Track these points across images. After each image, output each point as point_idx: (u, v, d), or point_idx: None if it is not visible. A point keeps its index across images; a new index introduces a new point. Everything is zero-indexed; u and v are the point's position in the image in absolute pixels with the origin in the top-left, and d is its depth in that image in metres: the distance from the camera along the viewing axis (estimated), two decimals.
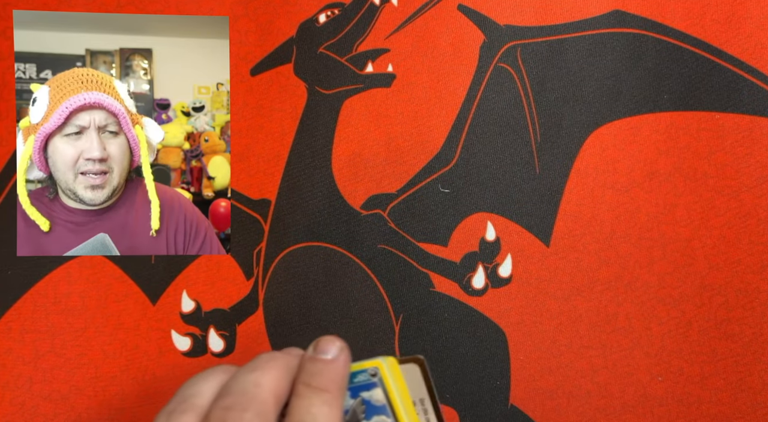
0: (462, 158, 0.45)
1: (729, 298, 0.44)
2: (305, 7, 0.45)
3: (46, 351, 0.44)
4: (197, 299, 0.45)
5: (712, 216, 0.44)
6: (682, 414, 0.44)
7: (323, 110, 0.45)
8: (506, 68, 0.45)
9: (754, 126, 0.44)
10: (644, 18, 0.44)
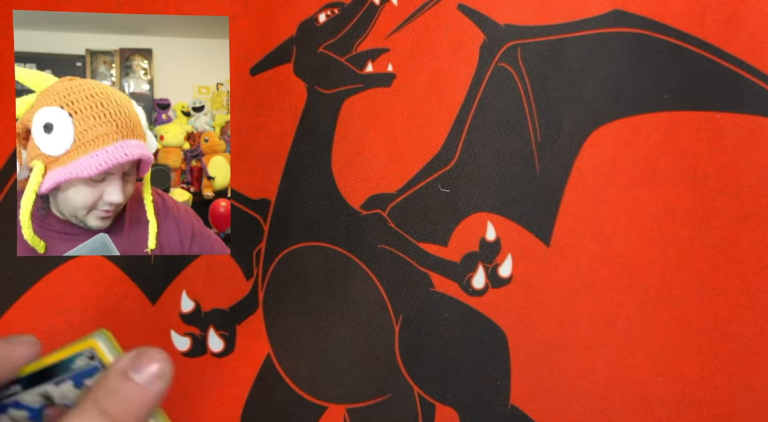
0: (462, 158, 0.45)
1: (729, 298, 0.44)
2: (305, 6, 0.45)
3: (46, 350, 0.44)
4: (197, 299, 0.45)
5: (712, 216, 0.44)
6: (682, 415, 0.44)
7: (323, 109, 0.45)
8: (506, 68, 0.45)
9: (755, 126, 0.44)
10: (645, 18, 0.44)
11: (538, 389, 0.45)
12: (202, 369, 0.45)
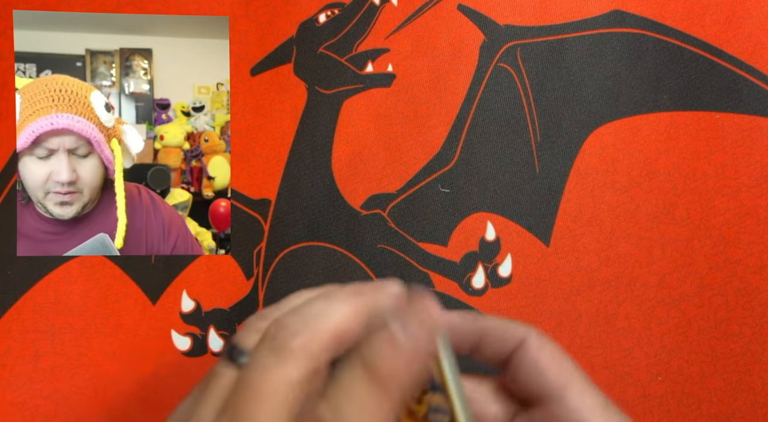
0: (462, 158, 0.45)
1: (728, 298, 0.44)
2: (305, 7, 0.45)
3: (46, 350, 0.44)
4: (197, 299, 0.45)
5: (711, 216, 0.44)
6: (682, 414, 0.44)
7: (323, 109, 0.45)
8: (506, 68, 0.45)
9: (754, 126, 0.44)
10: (644, 18, 0.44)
11: None
12: (202, 368, 0.45)
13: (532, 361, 0.29)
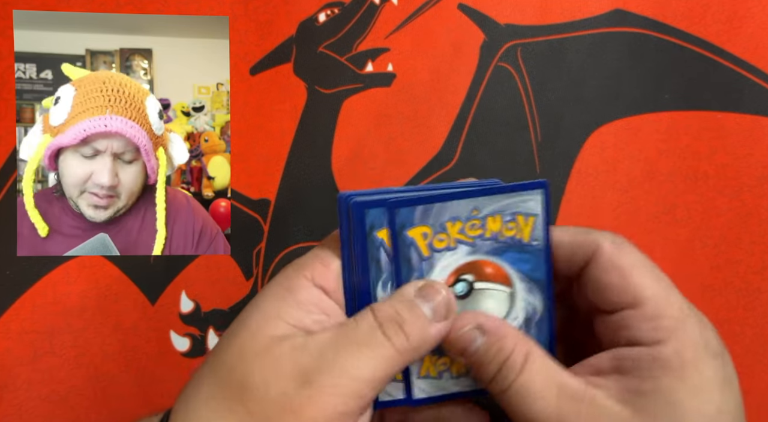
0: (462, 157, 0.45)
1: (730, 298, 0.44)
2: (305, 6, 0.45)
3: (45, 351, 0.44)
4: (196, 299, 0.45)
5: (712, 216, 0.44)
6: None
7: (323, 109, 0.45)
8: (506, 68, 0.45)
9: (756, 126, 0.44)
10: (645, 17, 0.44)
11: None
12: None
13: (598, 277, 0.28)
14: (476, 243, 0.29)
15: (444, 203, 0.28)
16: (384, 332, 0.27)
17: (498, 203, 0.29)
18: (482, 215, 0.29)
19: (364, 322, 0.27)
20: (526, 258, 0.29)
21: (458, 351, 0.28)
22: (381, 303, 0.28)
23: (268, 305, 0.28)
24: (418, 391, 0.30)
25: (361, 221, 0.28)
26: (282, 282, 0.28)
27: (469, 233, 0.29)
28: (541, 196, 0.29)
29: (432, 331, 0.28)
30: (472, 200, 0.28)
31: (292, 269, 0.29)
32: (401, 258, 0.29)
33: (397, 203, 0.28)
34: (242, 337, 0.27)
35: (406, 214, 0.28)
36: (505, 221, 0.29)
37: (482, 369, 0.28)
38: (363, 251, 0.28)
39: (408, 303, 0.28)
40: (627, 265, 0.28)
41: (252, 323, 0.27)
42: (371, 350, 0.26)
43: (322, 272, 0.28)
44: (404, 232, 0.28)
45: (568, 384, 0.26)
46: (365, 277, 0.29)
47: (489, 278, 0.29)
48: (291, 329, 0.27)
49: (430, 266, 0.29)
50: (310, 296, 0.28)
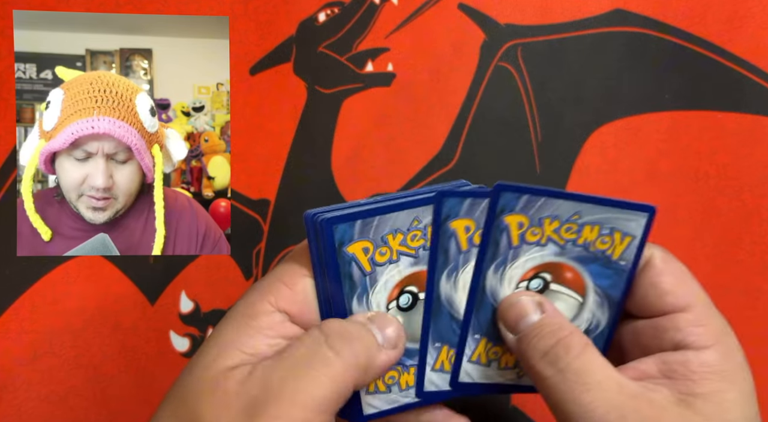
0: (462, 157, 0.45)
1: (731, 299, 0.44)
2: (305, 6, 0.45)
3: (45, 351, 0.44)
4: (196, 299, 0.45)
5: (713, 216, 0.44)
6: None
7: (323, 109, 0.45)
8: (507, 67, 0.45)
9: (756, 125, 0.44)
10: (645, 17, 0.44)
11: None
12: None
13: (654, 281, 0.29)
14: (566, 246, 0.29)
15: (552, 200, 0.28)
16: (330, 345, 0.26)
17: (600, 215, 0.29)
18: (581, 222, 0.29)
19: (308, 338, 0.27)
20: (608, 274, 0.29)
21: (513, 319, 0.28)
22: (330, 320, 0.27)
23: (226, 334, 0.27)
24: (464, 375, 0.31)
25: (330, 238, 0.27)
26: (243, 310, 0.28)
27: (563, 235, 0.29)
28: (645, 220, 0.29)
29: (382, 356, 0.27)
30: (577, 204, 0.29)
31: (255, 294, 0.28)
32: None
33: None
34: (198, 370, 0.26)
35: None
36: (602, 234, 0.29)
37: (535, 343, 0.27)
38: (334, 267, 0.28)
39: (359, 324, 0.27)
40: (679, 272, 0.29)
41: (208, 355, 0.27)
42: (316, 369, 0.25)
43: (287, 296, 0.28)
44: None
45: (627, 383, 0.26)
46: (338, 293, 0.28)
47: (566, 282, 0.30)
48: (246, 358, 0.26)
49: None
50: (271, 321, 0.27)
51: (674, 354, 0.27)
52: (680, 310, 0.28)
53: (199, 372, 0.26)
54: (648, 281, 0.29)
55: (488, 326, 0.30)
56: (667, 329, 0.28)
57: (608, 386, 0.26)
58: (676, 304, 0.28)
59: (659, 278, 0.29)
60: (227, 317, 0.28)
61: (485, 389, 0.31)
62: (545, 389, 0.27)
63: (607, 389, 0.26)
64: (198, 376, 0.26)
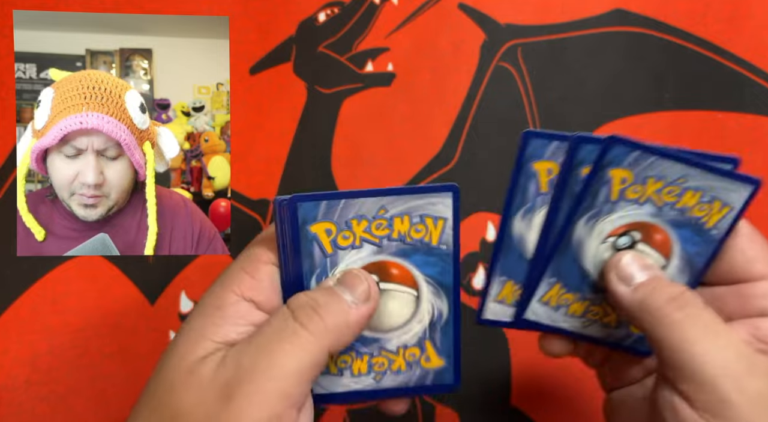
0: (462, 157, 0.45)
1: None
2: (305, 6, 0.45)
3: (44, 351, 0.44)
4: (196, 299, 0.45)
5: None
6: None
7: (323, 109, 0.45)
8: (507, 67, 0.45)
9: (757, 125, 0.44)
10: (646, 17, 0.44)
11: (538, 389, 0.44)
12: None
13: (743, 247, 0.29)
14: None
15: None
16: (296, 318, 0.26)
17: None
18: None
19: (276, 317, 0.27)
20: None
21: (629, 272, 0.29)
22: (297, 295, 0.28)
23: (195, 325, 0.27)
24: (531, 313, 0.31)
25: (294, 215, 0.27)
26: (210, 302, 0.28)
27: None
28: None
29: (354, 313, 0.27)
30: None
31: (219, 287, 0.28)
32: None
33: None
34: (171, 364, 0.26)
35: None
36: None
37: (660, 290, 0.28)
38: (296, 245, 0.28)
39: (326, 290, 0.28)
40: (765, 242, 0.30)
41: (180, 347, 0.27)
42: (286, 342, 0.25)
43: (251, 285, 0.28)
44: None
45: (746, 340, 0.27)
46: (298, 271, 0.28)
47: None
48: (217, 346, 0.26)
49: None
50: (238, 310, 0.27)
51: (766, 320, 0.28)
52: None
53: (172, 364, 0.26)
54: (737, 248, 0.29)
55: (567, 273, 0.30)
56: (755, 296, 0.28)
57: (735, 337, 0.27)
58: (765, 271, 0.29)
59: (749, 245, 0.29)
60: (195, 310, 0.28)
61: (548, 329, 0.32)
62: (668, 330, 0.27)
63: (736, 340, 0.27)
64: (171, 369, 0.26)
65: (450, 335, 0.30)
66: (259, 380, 0.25)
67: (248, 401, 0.24)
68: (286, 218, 0.28)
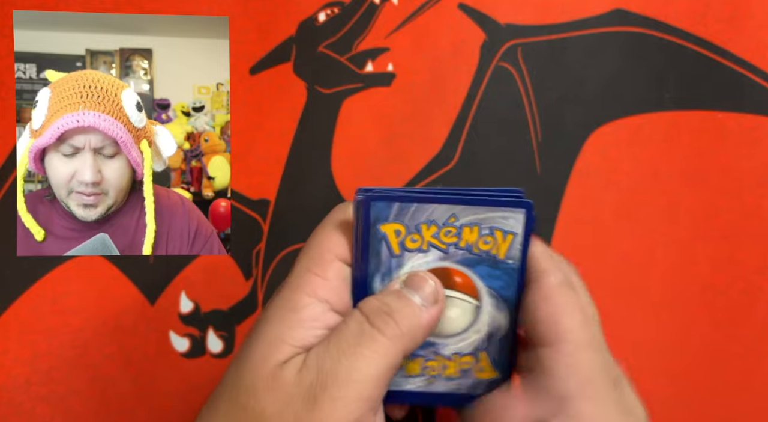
0: (462, 157, 0.45)
1: (731, 299, 0.44)
2: (305, 6, 0.45)
3: (44, 352, 0.44)
4: (196, 299, 0.45)
5: (714, 216, 0.44)
6: (683, 415, 0.44)
7: (323, 109, 0.45)
8: (507, 67, 0.45)
9: (757, 125, 0.44)
10: (646, 17, 0.44)
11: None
12: (201, 370, 0.45)
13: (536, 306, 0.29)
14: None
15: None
16: (372, 323, 0.27)
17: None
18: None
19: (351, 320, 0.27)
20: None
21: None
22: (367, 299, 0.28)
23: (272, 330, 0.28)
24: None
25: (367, 214, 0.28)
26: (283, 305, 0.28)
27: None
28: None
29: (425, 316, 0.28)
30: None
31: (288, 290, 0.29)
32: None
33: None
34: (249, 368, 0.27)
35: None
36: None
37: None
38: (365, 243, 0.28)
39: (395, 293, 0.28)
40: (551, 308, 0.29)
41: (257, 352, 0.27)
42: (363, 347, 0.26)
43: (323, 286, 0.28)
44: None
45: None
46: (365, 270, 0.29)
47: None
48: (296, 350, 0.27)
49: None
50: (313, 312, 0.28)
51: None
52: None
53: (252, 369, 0.27)
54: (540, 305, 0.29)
55: None
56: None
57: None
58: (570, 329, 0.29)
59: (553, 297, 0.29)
60: (267, 315, 0.29)
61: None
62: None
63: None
64: (251, 373, 0.27)
65: (506, 349, 0.30)
66: (342, 384, 0.26)
67: (332, 405, 0.25)
68: (360, 215, 0.28)
